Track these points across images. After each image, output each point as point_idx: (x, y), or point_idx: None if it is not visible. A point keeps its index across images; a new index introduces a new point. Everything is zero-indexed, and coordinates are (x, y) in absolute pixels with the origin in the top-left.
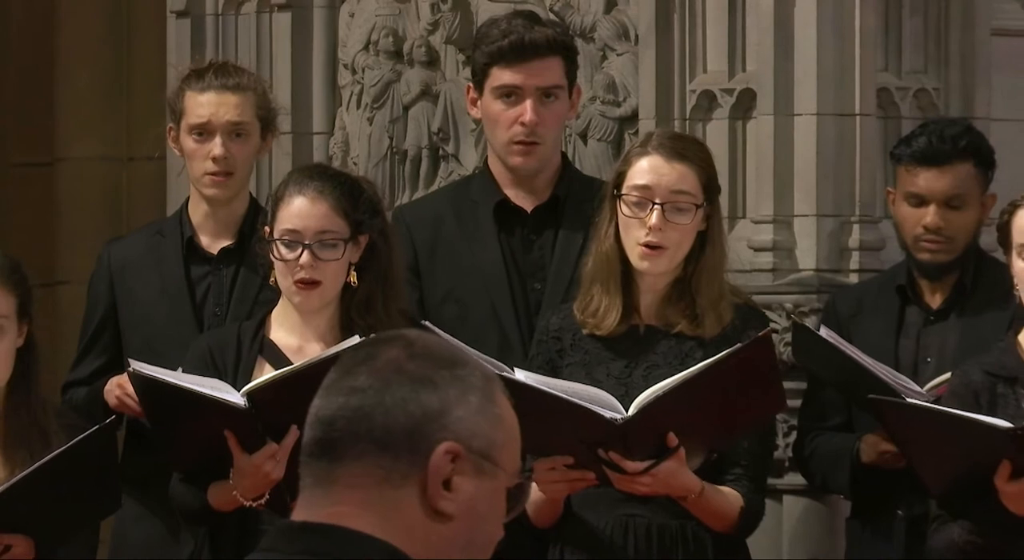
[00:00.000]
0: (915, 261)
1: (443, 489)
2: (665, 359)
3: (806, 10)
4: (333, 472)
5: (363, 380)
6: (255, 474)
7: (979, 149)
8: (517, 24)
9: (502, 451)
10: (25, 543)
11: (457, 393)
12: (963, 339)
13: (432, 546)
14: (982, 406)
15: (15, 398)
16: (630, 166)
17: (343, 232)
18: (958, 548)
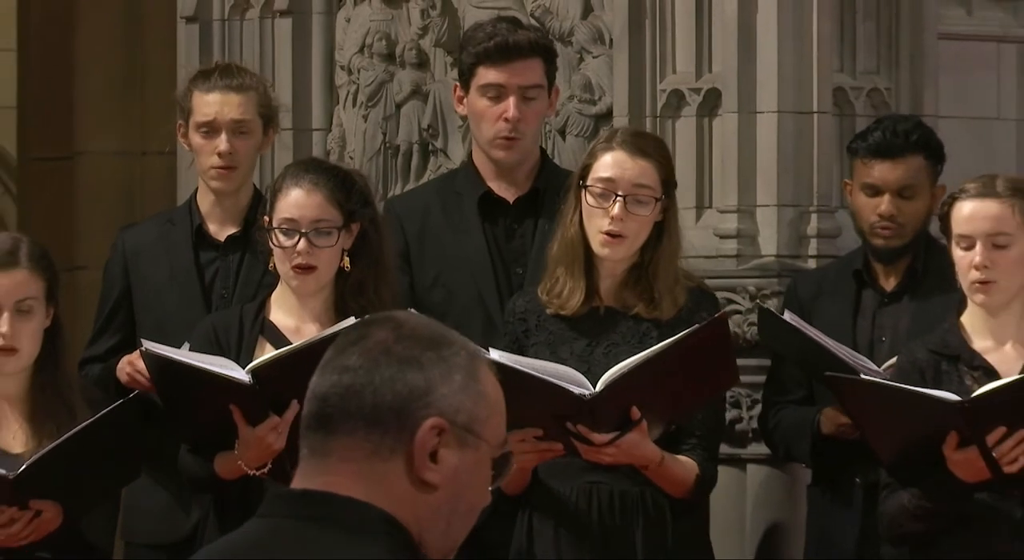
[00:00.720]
0: (870, 247)
1: (429, 461)
2: (624, 339)
3: (767, 16)
4: (327, 445)
5: (354, 360)
6: (258, 445)
7: (929, 143)
8: (501, 28)
9: (485, 424)
10: (54, 509)
11: (442, 372)
12: (915, 320)
13: (419, 514)
14: (927, 382)
15: (43, 376)
16: (595, 159)
17: (337, 221)
18: (908, 513)
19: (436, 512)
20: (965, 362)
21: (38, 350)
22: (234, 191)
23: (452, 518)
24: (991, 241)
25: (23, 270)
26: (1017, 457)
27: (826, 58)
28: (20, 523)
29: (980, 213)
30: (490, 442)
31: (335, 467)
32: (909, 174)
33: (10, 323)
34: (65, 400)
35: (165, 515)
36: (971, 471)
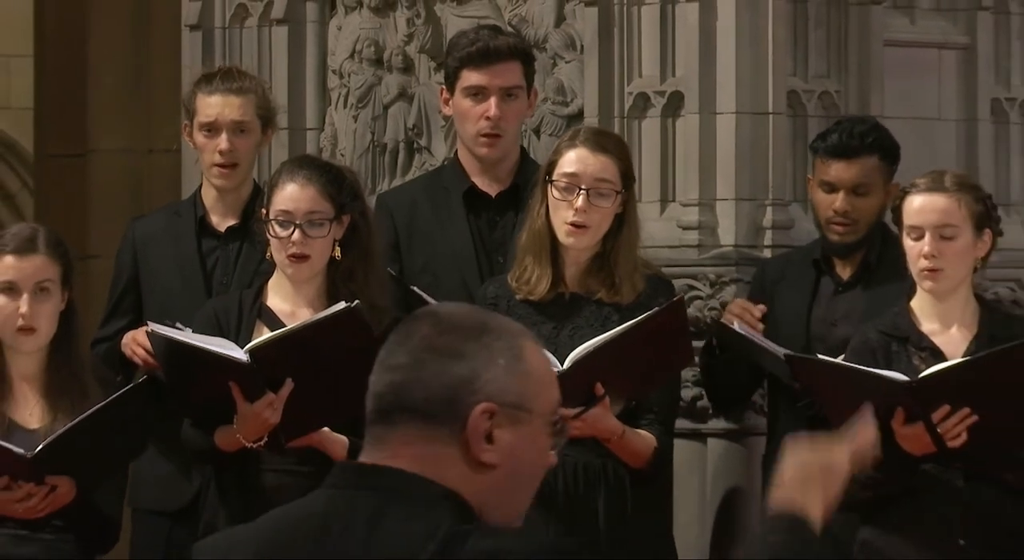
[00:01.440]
0: (826, 240)
1: (485, 443)
2: (588, 322)
3: (726, 24)
4: (388, 435)
5: (401, 358)
6: (255, 419)
7: (884, 145)
8: (483, 34)
9: (534, 399)
10: (68, 484)
11: (484, 359)
12: (868, 307)
13: (479, 493)
14: (879, 362)
15: (58, 356)
16: (560, 156)
17: (328, 213)
18: (858, 481)
19: (497, 490)
20: (913, 343)
21: (54, 331)
22: (235, 186)
23: (515, 489)
24: (939, 232)
25: (41, 255)
26: (960, 433)
27: (780, 63)
28: (37, 497)
29: (929, 206)
30: (543, 413)
31: (397, 451)
32: (863, 173)
33: (30, 304)
34: (79, 379)
35: (168, 484)
36: (918, 445)
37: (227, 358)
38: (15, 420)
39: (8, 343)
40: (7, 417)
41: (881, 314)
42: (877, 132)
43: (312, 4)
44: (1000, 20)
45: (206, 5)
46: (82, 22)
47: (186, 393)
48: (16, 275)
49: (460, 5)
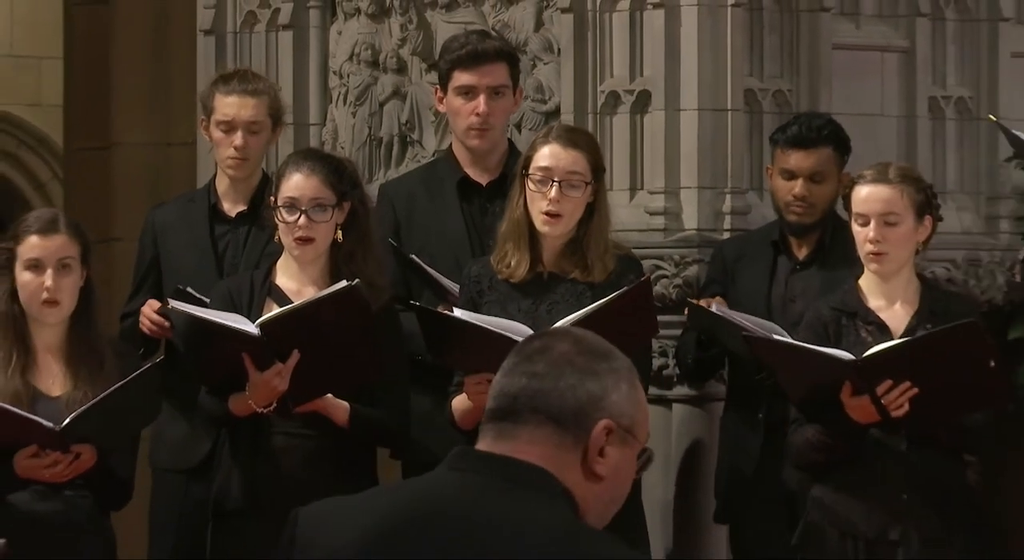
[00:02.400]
0: (785, 222)
1: (599, 456)
2: (563, 298)
3: (689, 29)
4: (515, 431)
5: (541, 367)
6: (265, 387)
7: (838, 137)
8: (472, 38)
9: (640, 427)
10: (90, 451)
11: (612, 382)
12: (823, 284)
13: (585, 500)
14: (829, 335)
15: (78, 328)
16: (535, 151)
17: (331, 200)
18: (811, 444)
19: (598, 499)
20: (861, 318)
21: (75, 305)
22: (246, 177)
23: (609, 505)
24: (883, 220)
25: (63, 235)
26: (902, 404)
27: (738, 65)
28: (63, 464)
29: (874, 196)
30: (641, 441)
31: (523, 448)
32: (819, 162)
33: (54, 279)
34: (96, 350)
35: (183, 445)
36: (864, 414)
37: (239, 331)
38: (39, 388)
39: (34, 315)
40: (31, 386)
41: (832, 291)
42: (831, 126)
43: (315, 11)
44: (937, 26)
45: (219, 12)
46: (107, 28)
47: (202, 363)
48: (41, 253)
49: (449, 12)
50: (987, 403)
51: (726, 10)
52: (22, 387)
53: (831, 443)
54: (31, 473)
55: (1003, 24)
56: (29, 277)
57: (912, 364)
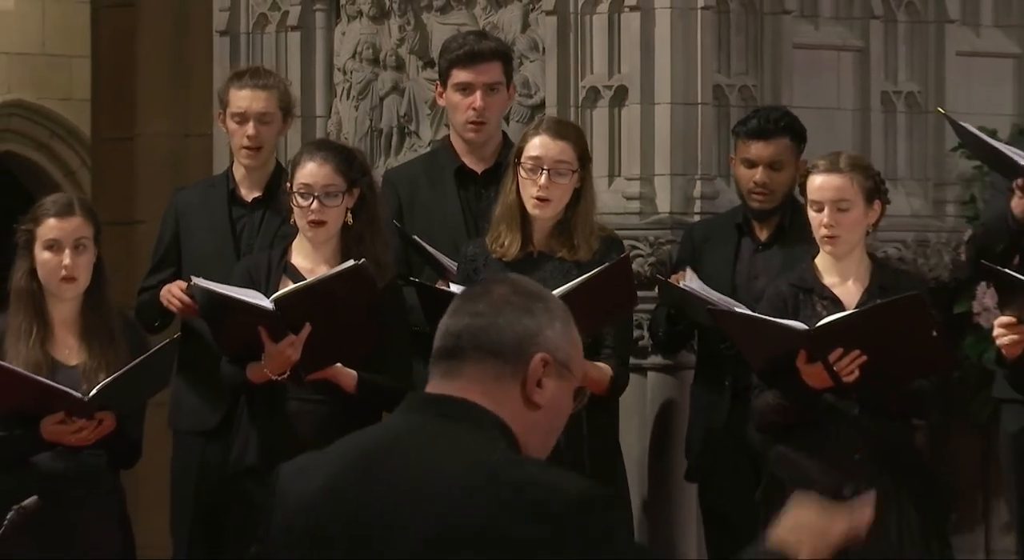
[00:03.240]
0: (747, 207)
1: (536, 386)
2: (552, 275)
3: (662, 30)
4: (459, 369)
5: (482, 307)
6: (279, 356)
7: (794, 128)
8: (470, 38)
9: (574, 361)
10: (111, 417)
11: (547, 319)
12: (782, 263)
13: (526, 428)
14: (788, 309)
15: (91, 302)
16: (526, 142)
17: (341, 186)
18: (771, 408)
19: (537, 427)
20: (817, 293)
21: (89, 281)
22: (260, 165)
23: (548, 434)
24: (835, 206)
25: (78, 217)
26: (852, 371)
27: (707, 62)
28: (87, 430)
29: (827, 184)
30: (576, 376)
31: (465, 385)
32: (778, 152)
33: (71, 258)
34: (107, 322)
35: (202, 409)
36: (818, 380)
37: (256, 306)
38: (57, 358)
39: (52, 291)
40: (50, 356)
41: (791, 269)
42: (788, 118)
43: (320, 13)
44: (889, 27)
45: (233, 14)
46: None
47: (222, 335)
48: (58, 234)
49: (443, 14)
50: (931, 371)
51: (696, 12)
52: (42, 357)
53: (789, 406)
54: (57, 438)
55: (949, 25)
56: (48, 256)
57: (861, 334)
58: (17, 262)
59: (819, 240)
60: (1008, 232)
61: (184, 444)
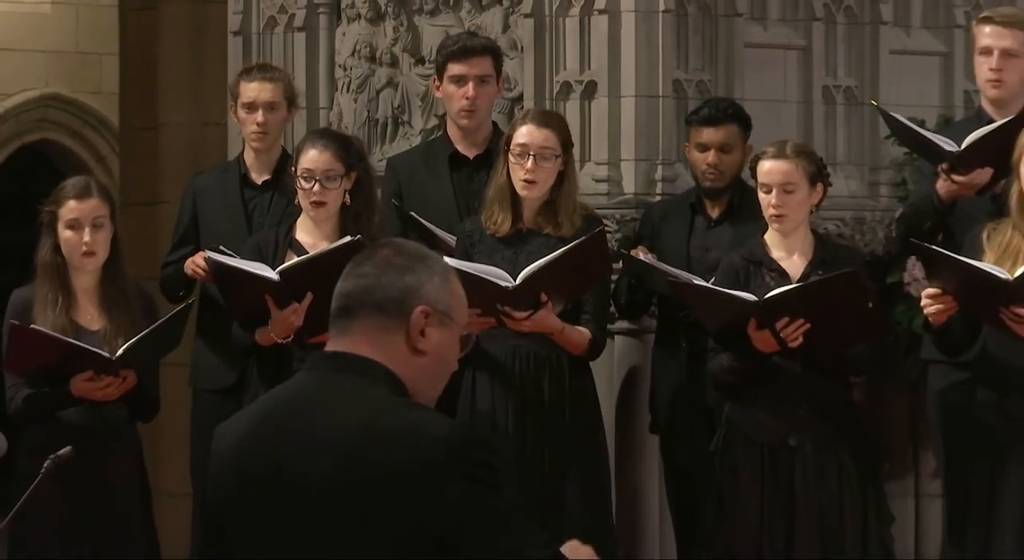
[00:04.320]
0: (701, 188)
1: (420, 335)
2: (538, 249)
3: (628, 31)
4: (350, 326)
5: (367, 269)
6: (284, 322)
7: (740, 116)
8: (463, 36)
9: (455, 311)
10: (133, 375)
11: (427, 276)
12: (733, 238)
13: (413, 373)
14: (740, 280)
15: (109, 273)
16: (515, 130)
17: (340, 171)
18: (725, 369)
19: (424, 371)
20: (766, 266)
21: (106, 256)
22: (268, 149)
23: (435, 377)
24: (782, 188)
25: (95, 198)
26: (797, 337)
27: (668, 60)
28: (113, 386)
29: (775, 169)
30: (459, 323)
31: (356, 340)
32: (727, 136)
33: (90, 235)
34: (124, 292)
35: (218, 369)
36: (766, 345)
37: (263, 277)
38: (80, 323)
39: (74, 265)
40: (74, 321)
41: (742, 244)
42: (735, 107)
43: (323, 16)
44: (829, 28)
45: (245, 17)
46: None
47: (234, 303)
48: (78, 214)
49: (432, 17)
50: (867, 338)
51: (658, 15)
52: (67, 323)
53: (741, 368)
54: (86, 393)
55: (883, 27)
56: (70, 234)
57: (804, 305)
58: (42, 239)
59: (768, 219)
60: (934, 212)
61: (203, 401)
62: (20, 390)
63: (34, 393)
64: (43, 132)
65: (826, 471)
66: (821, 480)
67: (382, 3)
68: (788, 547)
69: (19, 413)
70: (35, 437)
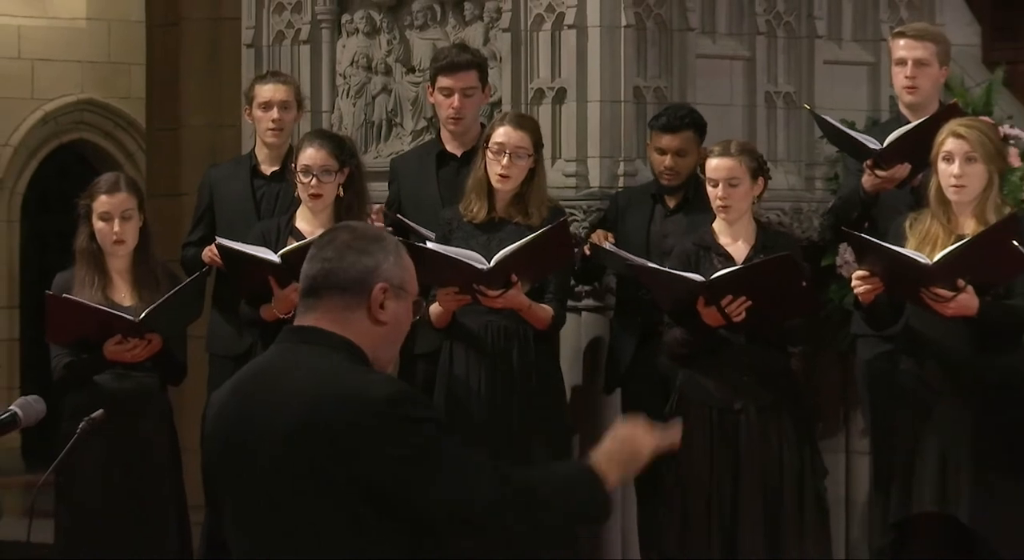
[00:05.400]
0: (659, 184)
1: (380, 308)
2: (510, 236)
3: (594, 44)
4: (315, 305)
5: (329, 253)
6: (285, 299)
7: (697, 123)
8: (452, 51)
9: (407, 283)
10: (158, 338)
11: (382, 256)
12: (687, 226)
13: (374, 342)
14: (691, 263)
15: (139, 256)
16: (493, 130)
17: (334, 167)
18: (677, 341)
19: (384, 338)
20: (714, 251)
21: (136, 242)
22: (282, 143)
23: (393, 342)
24: (728, 182)
25: (124, 193)
26: (740, 312)
27: (629, 69)
28: (140, 348)
29: (721, 165)
30: (411, 294)
31: (320, 316)
32: (683, 142)
33: (120, 226)
34: (152, 272)
35: (232, 338)
36: (713, 319)
37: (267, 260)
38: (115, 300)
39: (107, 251)
40: (110, 298)
41: (695, 232)
42: (693, 115)
43: (326, 30)
44: (770, 41)
45: (257, 31)
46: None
47: (242, 282)
48: (109, 207)
49: (422, 31)
50: (801, 313)
51: (620, 30)
52: (103, 300)
53: (691, 340)
54: (117, 356)
55: (818, 40)
56: (102, 225)
57: (746, 284)
58: (80, 228)
59: (715, 209)
60: (860, 203)
61: (218, 366)
62: (62, 359)
63: (73, 360)
64: (79, 133)
65: (767, 431)
66: (763, 439)
67: (377, 19)
68: (735, 499)
69: (61, 378)
70: (76, 401)
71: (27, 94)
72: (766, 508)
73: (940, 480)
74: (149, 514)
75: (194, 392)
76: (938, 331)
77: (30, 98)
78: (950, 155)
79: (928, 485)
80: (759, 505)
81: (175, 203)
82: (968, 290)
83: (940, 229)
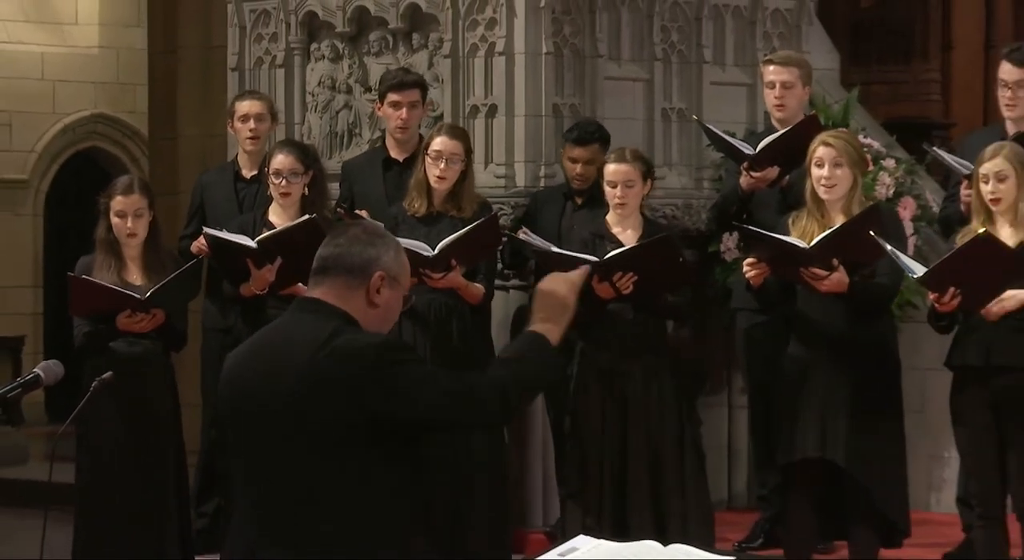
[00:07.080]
0: (569, 186)
1: (376, 293)
2: (447, 228)
3: (520, 68)
4: (323, 281)
5: (341, 241)
6: (261, 279)
7: (604, 137)
8: (399, 73)
9: (402, 277)
10: (162, 313)
11: (384, 249)
12: (591, 219)
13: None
14: (590, 248)
15: (149, 247)
16: (432, 139)
17: (300, 170)
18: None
19: (375, 320)
20: (608, 239)
21: (146, 234)
22: (258, 150)
23: (382, 324)
24: (624, 184)
25: (136, 193)
26: (628, 286)
27: (549, 89)
28: (145, 321)
29: (618, 170)
30: (404, 286)
31: (325, 291)
32: (591, 154)
33: (132, 222)
34: (160, 259)
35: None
36: (605, 293)
37: (245, 245)
38: (128, 281)
39: (122, 242)
40: (124, 280)
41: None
42: (600, 131)
43: (298, 56)
44: (666, 65)
45: (240, 57)
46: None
47: (224, 265)
48: (123, 206)
49: (377, 57)
50: (681, 283)
51: (542, 57)
52: (118, 280)
53: (586, 312)
54: (127, 327)
55: (705, 65)
56: (118, 221)
57: (633, 262)
58: (100, 221)
59: (612, 207)
60: (738, 200)
61: (210, 337)
62: (82, 328)
63: (91, 330)
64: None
65: (650, 388)
66: (647, 395)
67: (340, 47)
68: (623, 446)
69: (82, 345)
70: (94, 364)
71: (49, 109)
72: (650, 450)
73: (820, 428)
74: (153, 457)
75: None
76: (809, 305)
77: (51, 112)
78: (821, 160)
79: (811, 433)
80: (644, 447)
81: (174, 201)
82: (840, 269)
83: (815, 224)
